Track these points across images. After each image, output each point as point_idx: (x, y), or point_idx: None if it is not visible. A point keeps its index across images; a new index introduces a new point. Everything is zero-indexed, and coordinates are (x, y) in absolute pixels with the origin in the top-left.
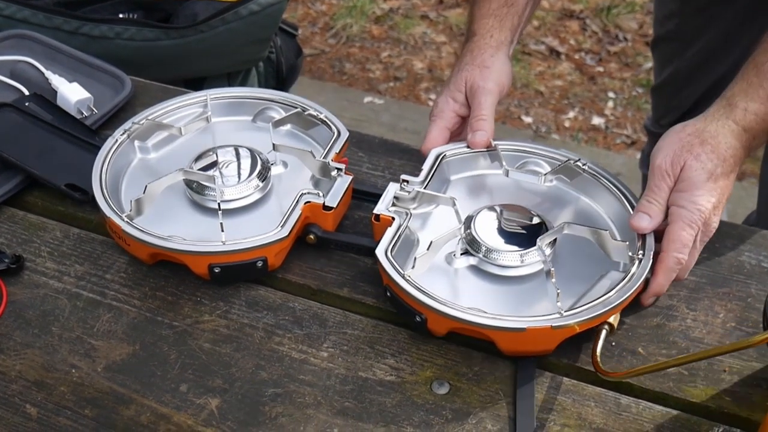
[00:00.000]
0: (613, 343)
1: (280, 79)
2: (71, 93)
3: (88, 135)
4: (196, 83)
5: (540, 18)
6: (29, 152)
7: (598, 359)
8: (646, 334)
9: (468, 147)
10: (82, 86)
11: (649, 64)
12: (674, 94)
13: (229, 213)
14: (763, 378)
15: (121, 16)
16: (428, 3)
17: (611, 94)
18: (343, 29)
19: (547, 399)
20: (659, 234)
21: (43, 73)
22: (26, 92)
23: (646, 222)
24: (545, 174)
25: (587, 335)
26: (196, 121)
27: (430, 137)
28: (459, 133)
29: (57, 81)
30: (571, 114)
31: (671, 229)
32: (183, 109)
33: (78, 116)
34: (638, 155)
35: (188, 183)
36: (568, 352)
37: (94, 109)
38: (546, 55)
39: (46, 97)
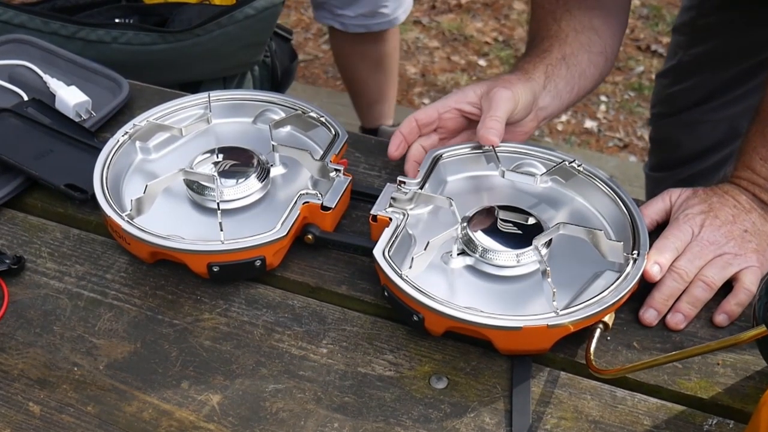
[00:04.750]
0: (609, 338)
1: (275, 82)
2: (69, 96)
3: (87, 137)
4: (192, 87)
5: None
6: (29, 155)
7: (592, 358)
8: (640, 328)
9: (470, 146)
10: (80, 90)
11: (641, 68)
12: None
13: (229, 213)
14: (756, 371)
15: (117, 20)
16: (421, 8)
17: (603, 98)
18: None
19: (544, 393)
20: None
21: (41, 77)
22: (25, 96)
23: None
24: (541, 175)
25: (584, 332)
26: (197, 123)
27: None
28: (458, 131)
29: (55, 85)
30: (564, 118)
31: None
32: (184, 111)
33: (76, 119)
34: (631, 158)
35: (188, 183)
36: (565, 347)
37: (92, 112)
38: None
39: (45, 102)
